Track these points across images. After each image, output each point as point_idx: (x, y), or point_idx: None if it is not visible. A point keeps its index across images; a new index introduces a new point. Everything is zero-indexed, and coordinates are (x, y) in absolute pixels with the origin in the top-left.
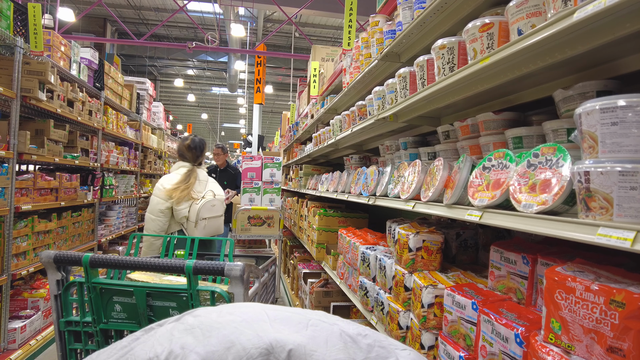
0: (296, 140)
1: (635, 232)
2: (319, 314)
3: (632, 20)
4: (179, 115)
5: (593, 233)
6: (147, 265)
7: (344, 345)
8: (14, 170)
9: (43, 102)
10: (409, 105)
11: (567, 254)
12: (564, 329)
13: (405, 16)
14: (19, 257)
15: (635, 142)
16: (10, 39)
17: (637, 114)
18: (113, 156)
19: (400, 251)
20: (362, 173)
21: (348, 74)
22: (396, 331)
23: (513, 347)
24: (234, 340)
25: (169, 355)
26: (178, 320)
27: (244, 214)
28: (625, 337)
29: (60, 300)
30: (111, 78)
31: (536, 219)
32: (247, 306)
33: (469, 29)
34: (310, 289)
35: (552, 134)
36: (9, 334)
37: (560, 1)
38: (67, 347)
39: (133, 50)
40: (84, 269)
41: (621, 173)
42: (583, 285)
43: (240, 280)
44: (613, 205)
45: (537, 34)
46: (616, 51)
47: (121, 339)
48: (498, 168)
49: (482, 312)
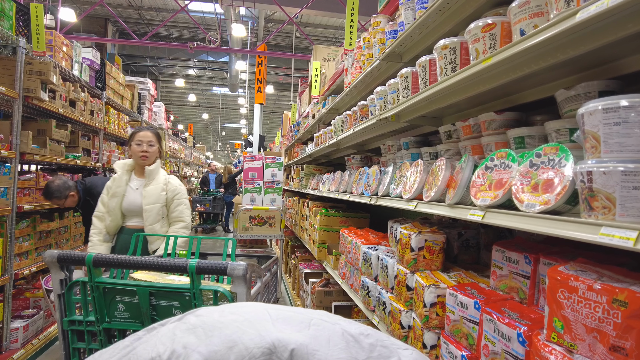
0: (297, 140)
1: (638, 232)
2: (321, 314)
3: (635, 20)
4: (180, 115)
5: (596, 233)
6: (151, 265)
7: (346, 345)
8: (17, 170)
9: (45, 102)
10: (411, 105)
11: (569, 254)
12: (566, 328)
13: (407, 16)
14: (21, 256)
15: (637, 142)
16: (13, 39)
17: (639, 114)
18: (115, 156)
19: (403, 251)
20: (364, 173)
21: (350, 74)
22: (398, 331)
23: (515, 346)
24: (236, 340)
25: (171, 354)
26: (180, 320)
27: (245, 213)
28: (628, 336)
29: (64, 300)
30: (113, 78)
31: (539, 219)
32: (250, 305)
33: (471, 29)
34: (311, 288)
35: (554, 134)
36: (11, 333)
37: (562, 2)
38: (70, 346)
39: (134, 50)
40: (87, 268)
41: (624, 173)
42: (585, 285)
43: (242, 279)
44: (616, 205)
45: (540, 34)
46: (618, 51)
47: (123, 339)
48: (500, 168)
49: (485, 312)
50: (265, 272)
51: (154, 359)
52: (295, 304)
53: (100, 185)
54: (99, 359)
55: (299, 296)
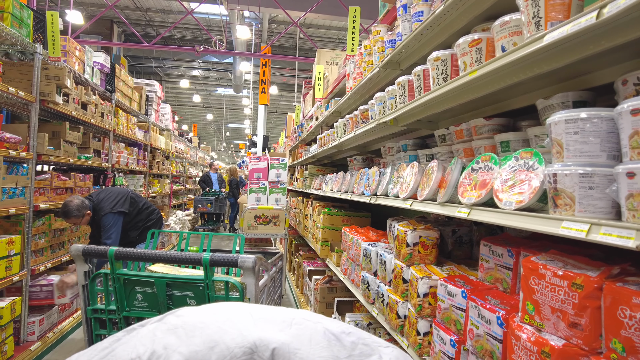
0: (301, 141)
1: (590, 225)
2: (303, 313)
3: (595, 43)
4: (185, 115)
5: (558, 226)
6: (168, 258)
7: (328, 343)
8: (34, 171)
9: (60, 105)
10: (408, 111)
11: (547, 247)
12: (536, 310)
13: (405, 28)
14: (37, 253)
15: (593, 149)
16: (31, 45)
17: (594, 125)
18: (123, 157)
19: (399, 246)
20: (364, 174)
21: (351, 79)
22: (395, 320)
23: (495, 328)
24: (217, 340)
25: (151, 355)
26: (161, 321)
27: (250, 213)
28: (583, 314)
29: (87, 290)
30: (122, 81)
31: (514, 215)
32: (231, 306)
33: (460, 44)
34: (315, 285)
35: (534, 139)
36: (28, 326)
37: (533, 25)
38: (93, 333)
39: (139, 51)
40: (109, 261)
41: (582, 175)
42: (551, 272)
43: (252, 271)
44: (575, 202)
45: (517, 52)
46: (591, 66)
47: (102, 340)
48: (484, 170)
49: (470, 299)
50: (272, 266)
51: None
52: (299, 301)
53: (105, 201)
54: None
55: (302, 293)
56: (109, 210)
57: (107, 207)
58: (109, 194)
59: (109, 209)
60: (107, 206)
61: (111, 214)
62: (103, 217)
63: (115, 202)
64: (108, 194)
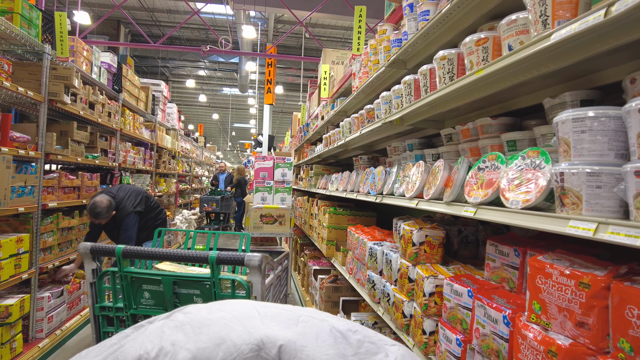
0: (307, 140)
1: (597, 224)
2: (309, 311)
3: (602, 41)
4: (191, 115)
5: (565, 225)
6: (175, 256)
7: (334, 341)
8: (42, 170)
9: (68, 105)
10: (414, 110)
11: (554, 247)
12: (543, 309)
13: (411, 27)
14: (45, 251)
15: (600, 148)
16: (39, 46)
17: (602, 124)
18: (130, 156)
19: (405, 245)
20: (370, 173)
21: (357, 79)
22: (401, 319)
23: (501, 327)
24: (224, 337)
25: (159, 352)
26: (168, 318)
27: (256, 212)
28: (591, 313)
29: (95, 288)
30: (128, 81)
31: (521, 214)
32: (238, 303)
33: (466, 43)
34: (320, 284)
35: (541, 138)
36: (37, 323)
37: (540, 24)
38: (101, 330)
39: (146, 51)
40: (117, 259)
41: (589, 174)
42: (558, 271)
43: (258, 269)
44: (582, 201)
45: (523, 50)
46: (598, 64)
47: (110, 337)
48: (491, 169)
49: (477, 299)
50: (278, 265)
51: (142, 356)
52: (305, 300)
53: (126, 200)
54: (86, 357)
55: (308, 292)
56: (131, 210)
57: (129, 206)
58: (128, 192)
59: (131, 208)
60: (130, 205)
61: (133, 213)
62: (126, 217)
63: (136, 201)
64: (127, 193)
